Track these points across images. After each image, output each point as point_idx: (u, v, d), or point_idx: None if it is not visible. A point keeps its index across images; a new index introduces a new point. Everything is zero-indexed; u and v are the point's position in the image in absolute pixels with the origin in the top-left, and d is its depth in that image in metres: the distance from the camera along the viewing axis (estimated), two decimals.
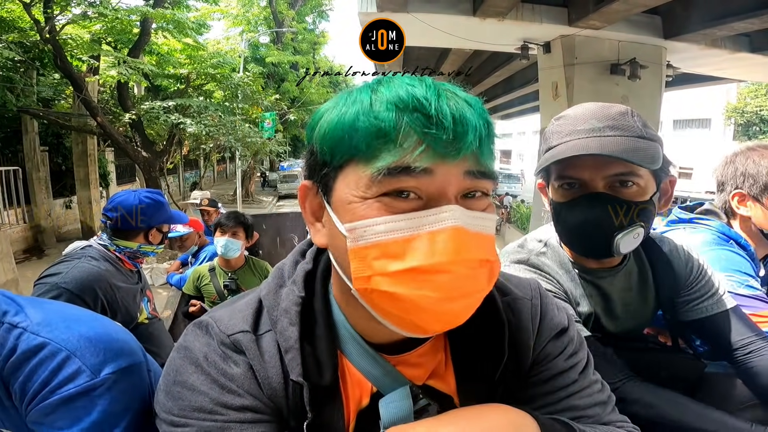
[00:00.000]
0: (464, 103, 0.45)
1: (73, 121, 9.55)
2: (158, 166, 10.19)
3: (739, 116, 23.60)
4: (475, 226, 0.45)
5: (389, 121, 0.43)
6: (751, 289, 1.01)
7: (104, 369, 0.60)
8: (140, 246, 1.62)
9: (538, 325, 0.62)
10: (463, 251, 0.43)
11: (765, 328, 0.96)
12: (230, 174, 25.02)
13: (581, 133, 0.83)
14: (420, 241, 0.43)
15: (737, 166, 1.12)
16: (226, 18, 20.47)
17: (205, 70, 10.78)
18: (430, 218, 0.43)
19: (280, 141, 15.81)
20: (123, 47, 9.65)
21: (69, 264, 1.46)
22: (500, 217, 15.97)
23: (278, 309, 0.55)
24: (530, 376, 0.61)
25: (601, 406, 0.60)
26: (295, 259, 0.61)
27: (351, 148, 0.45)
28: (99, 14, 7.80)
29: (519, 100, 15.00)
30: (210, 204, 3.78)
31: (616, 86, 7.22)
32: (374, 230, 0.44)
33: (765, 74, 9.38)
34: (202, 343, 0.54)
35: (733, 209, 1.14)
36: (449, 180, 0.44)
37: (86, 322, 0.65)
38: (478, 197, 0.47)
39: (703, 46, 7.03)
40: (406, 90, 0.44)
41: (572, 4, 6.66)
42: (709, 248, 1.08)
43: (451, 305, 0.44)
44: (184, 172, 18.29)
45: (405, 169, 0.43)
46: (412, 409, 0.55)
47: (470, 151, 0.44)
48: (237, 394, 0.51)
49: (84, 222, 10.28)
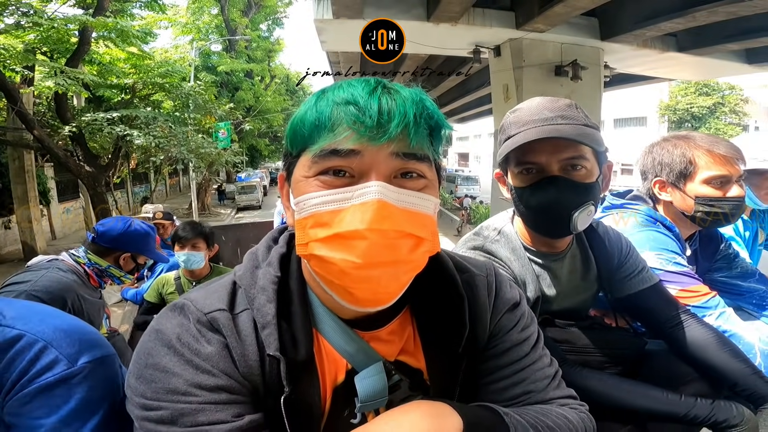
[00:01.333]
0: (399, 97, 0.51)
1: (8, 135, 8.92)
2: (103, 180, 9.67)
3: (671, 113, 25.58)
4: (402, 201, 0.51)
5: (326, 114, 0.51)
6: (678, 266, 1.09)
7: (81, 358, 0.61)
8: (109, 266, 1.64)
9: (493, 300, 0.67)
10: (382, 221, 0.48)
11: (693, 302, 1.04)
12: (184, 187, 24.04)
13: (536, 122, 0.91)
14: (346, 212, 0.50)
15: (654, 156, 1.22)
16: (175, 26, 19.78)
17: (152, 79, 10.38)
18: (357, 192, 0.50)
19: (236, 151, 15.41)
20: (60, 57, 9.11)
21: (37, 273, 1.46)
22: (461, 219, 16.35)
23: (255, 287, 0.58)
24: (487, 349, 0.65)
25: (549, 379, 0.66)
26: (268, 244, 0.65)
27: (301, 138, 0.54)
28: (33, 24, 7.34)
29: (474, 102, 15.46)
30: (165, 217, 3.59)
31: (561, 87, 7.61)
32: (311, 203, 0.51)
33: (692, 73, 10.20)
34: (174, 324, 0.54)
35: (656, 195, 1.23)
36: (376, 160, 0.50)
37: (59, 316, 0.67)
38: (414, 178, 0.53)
39: (635, 46, 7.55)
40: (346, 90, 0.52)
41: (519, 7, 6.96)
42: (638, 230, 1.16)
43: (370, 272, 0.49)
44: (133, 186, 17.36)
45: (334, 150, 0.50)
46: (386, 384, 0.58)
47: (394, 135, 0.50)
48: (211, 374, 0.51)
49: (25, 242, 9.59)
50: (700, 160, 1.13)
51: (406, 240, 0.50)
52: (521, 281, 0.98)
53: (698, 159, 1.13)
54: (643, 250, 1.10)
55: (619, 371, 1.00)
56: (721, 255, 1.31)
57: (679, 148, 1.16)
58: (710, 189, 1.12)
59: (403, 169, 0.52)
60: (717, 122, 24.67)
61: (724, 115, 25.00)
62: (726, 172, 1.11)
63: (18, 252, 9.57)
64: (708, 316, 1.03)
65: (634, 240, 1.11)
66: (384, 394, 0.58)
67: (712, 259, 1.31)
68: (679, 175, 1.16)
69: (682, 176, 1.15)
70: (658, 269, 1.08)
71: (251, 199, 19.67)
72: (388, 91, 0.52)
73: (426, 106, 0.53)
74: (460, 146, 46.95)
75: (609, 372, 0.98)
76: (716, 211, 1.12)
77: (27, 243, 9.54)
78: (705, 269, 1.30)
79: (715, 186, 1.12)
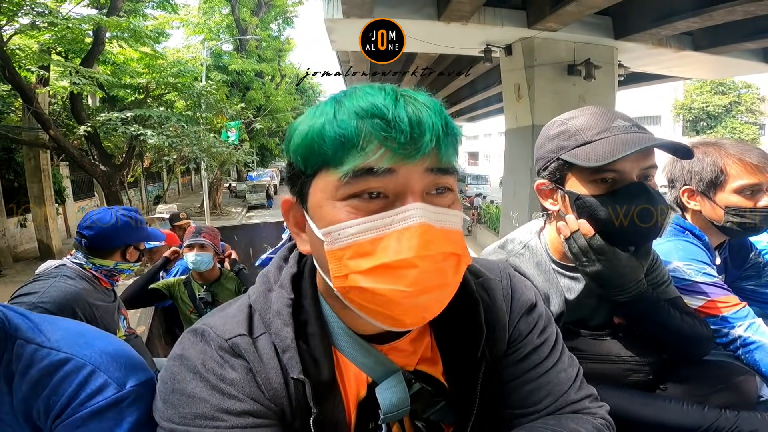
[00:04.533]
0: (422, 106, 0.48)
1: (24, 135, 9.07)
2: (118, 179, 9.78)
3: (686, 112, 25.14)
4: (440, 221, 0.49)
5: (351, 129, 0.47)
6: (708, 277, 1.06)
7: (128, 382, 0.61)
8: (117, 264, 1.59)
9: (510, 303, 0.66)
10: (429, 246, 0.46)
11: (724, 313, 1.02)
12: (196, 186, 24.26)
13: (617, 130, 0.87)
14: (389, 239, 0.47)
15: (683, 164, 1.18)
16: (187, 26, 19.96)
17: (165, 79, 10.47)
18: (397, 217, 0.47)
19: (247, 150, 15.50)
20: (75, 57, 9.25)
21: (45, 283, 1.41)
22: (471, 218, 16.25)
23: (270, 312, 0.57)
24: (507, 355, 0.65)
25: (571, 381, 0.65)
26: (279, 264, 0.64)
27: (320, 155, 0.49)
28: (48, 24, 7.45)
29: (484, 102, 15.36)
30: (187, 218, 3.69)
31: (573, 86, 7.53)
32: (347, 232, 0.48)
33: (707, 71, 10.02)
34: (197, 350, 0.54)
35: (685, 204, 1.20)
36: (411, 178, 0.48)
37: (102, 338, 0.67)
38: (443, 194, 0.51)
39: (650, 45, 7.44)
40: (366, 99, 0.48)
41: (531, 6, 6.90)
42: (667, 239, 1.13)
43: (420, 298, 0.47)
44: (146, 185, 17.57)
45: (368, 170, 0.46)
46: (407, 393, 0.58)
47: (428, 150, 0.47)
48: (237, 399, 0.51)
49: (41, 241, 9.75)
50: (731, 169, 1.09)
51: (450, 260, 0.49)
52: (544, 296, 0.96)
53: (729, 168, 1.09)
54: (672, 259, 1.08)
55: (642, 379, 0.97)
56: (750, 264, 1.28)
57: (710, 156, 1.12)
58: (741, 199, 1.08)
59: (435, 185, 0.50)
60: (733, 121, 24.19)
61: (740, 114, 24.49)
62: (757, 180, 1.07)
63: (34, 250, 9.74)
64: (737, 327, 1.00)
65: (662, 249, 1.08)
66: (406, 404, 0.58)
67: (741, 268, 1.28)
68: (710, 184, 1.12)
69: (713, 185, 1.12)
70: (686, 280, 1.05)
71: (262, 198, 19.87)
72: (406, 99, 0.49)
73: (447, 115, 0.51)
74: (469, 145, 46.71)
75: (632, 380, 0.96)
76: (746, 222, 1.08)
77: (43, 241, 9.70)
78: (734, 278, 1.27)
79: (745, 196, 1.08)
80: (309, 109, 0.53)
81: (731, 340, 1.00)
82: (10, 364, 0.59)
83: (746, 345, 0.99)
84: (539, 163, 0.99)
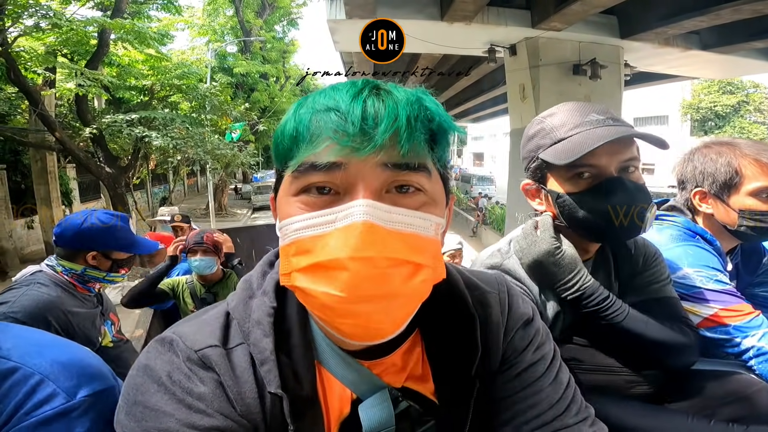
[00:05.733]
0: (390, 99, 0.45)
1: (31, 137, 9.13)
2: (123, 181, 9.84)
3: (694, 112, 24.91)
4: (393, 222, 0.44)
5: (304, 123, 0.46)
6: (720, 284, 1.01)
7: (79, 392, 0.59)
8: (85, 269, 1.51)
9: (507, 317, 0.62)
10: (368, 248, 0.42)
11: (735, 322, 0.97)
12: (201, 187, 24.45)
13: (590, 124, 0.85)
14: (329, 237, 0.43)
15: (695, 165, 1.13)
16: (191, 28, 20.09)
17: (169, 81, 10.52)
18: (341, 214, 0.44)
19: (251, 152, 15.54)
20: (80, 59, 9.30)
21: (17, 292, 1.37)
22: (476, 220, 16.18)
23: (250, 321, 0.53)
24: (500, 372, 0.60)
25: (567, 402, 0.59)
26: (263, 270, 0.59)
27: (282, 151, 0.48)
28: (53, 26, 7.49)
29: (489, 102, 15.31)
30: (183, 220, 3.71)
31: (579, 86, 7.48)
32: (293, 228, 0.46)
33: (715, 71, 9.91)
34: (164, 360, 0.50)
35: (696, 206, 1.14)
36: (362, 173, 0.44)
37: (57, 347, 0.65)
38: (410, 193, 0.46)
39: (657, 44, 7.37)
40: (329, 95, 0.46)
41: (535, 6, 6.86)
42: (676, 244, 1.08)
43: (358, 306, 0.43)
44: (152, 187, 17.69)
45: (312, 165, 0.44)
46: (392, 412, 0.54)
47: (382, 143, 0.43)
48: (205, 414, 0.47)
49: (48, 242, 9.81)
50: (746, 170, 1.04)
51: (400, 269, 0.43)
52: (541, 299, 0.93)
53: (745, 169, 1.04)
54: (682, 266, 1.03)
55: (646, 391, 0.93)
56: (763, 269, 1.23)
57: (724, 157, 1.07)
58: (756, 201, 1.03)
59: (397, 182, 0.46)
60: (742, 121, 23.94)
61: (748, 114, 24.24)
62: None
63: (41, 251, 9.80)
64: (751, 337, 0.96)
65: (672, 255, 1.04)
66: (390, 423, 0.54)
67: (754, 274, 1.23)
68: (723, 186, 1.07)
69: (726, 187, 1.06)
70: (697, 287, 1.00)
71: (267, 200, 19.85)
72: (378, 93, 0.45)
73: (425, 106, 0.46)
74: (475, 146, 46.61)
75: (636, 392, 0.92)
76: (762, 226, 1.03)
77: (49, 243, 9.75)
78: (746, 284, 1.22)
79: (761, 198, 1.03)
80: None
81: (744, 350, 0.95)
82: None
83: (760, 355, 0.94)
84: (524, 163, 0.98)
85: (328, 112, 0.45)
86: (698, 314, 0.99)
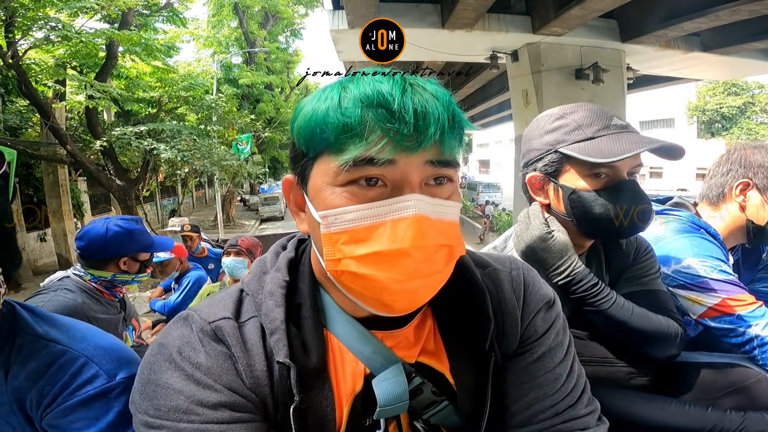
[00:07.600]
0: (430, 97, 0.47)
1: (42, 150, 9.28)
2: (134, 194, 9.96)
3: (700, 114, 24.76)
4: (436, 213, 0.49)
5: (355, 117, 0.46)
6: (724, 274, 1.02)
7: (119, 374, 0.65)
8: (114, 275, 1.55)
9: (523, 296, 0.62)
10: (424, 237, 0.47)
11: (738, 311, 0.98)
12: (210, 199, 24.61)
13: (616, 128, 0.90)
14: (384, 228, 0.47)
15: (748, 156, 1.13)
16: (197, 40, 20.41)
17: (176, 92, 10.68)
18: (394, 206, 0.47)
19: (257, 162, 15.66)
20: (89, 71, 9.47)
21: (44, 297, 1.40)
22: (483, 227, 16.12)
23: (263, 292, 0.56)
24: (518, 354, 0.60)
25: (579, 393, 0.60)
26: (276, 250, 0.63)
27: (322, 141, 0.48)
28: (62, 38, 7.62)
29: (495, 108, 15.33)
30: (192, 230, 3.80)
31: (582, 90, 7.47)
32: (344, 218, 0.48)
33: (718, 72, 9.86)
34: (176, 336, 0.52)
35: (726, 194, 1.15)
36: (411, 169, 0.48)
37: (98, 334, 0.72)
38: (443, 185, 0.51)
39: (658, 47, 7.37)
40: (372, 87, 0.47)
41: (535, 12, 6.91)
42: (681, 235, 1.09)
43: (410, 284, 0.48)
44: (161, 199, 17.85)
45: (369, 160, 0.46)
46: (407, 386, 0.55)
47: (431, 143, 0.47)
48: (213, 389, 0.49)
49: (60, 255, 9.94)
50: None
51: (442, 251, 0.49)
52: None
53: None
54: (686, 256, 1.04)
55: (646, 382, 0.95)
56: (763, 265, 1.24)
57: None
58: None
59: (435, 175, 0.50)
60: (748, 122, 23.76)
61: (755, 115, 24.06)
62: None
63: (54, 264, 9.90)
64: (754, 326, 0.97)
65: (676, 246, 1.06)
66: (404, 398, 0.55)
67: (754, 270, 1.25)
68: None
69: None
70: (701, 277, 1.02)
71: (274, 211, 19.96)
72: (414, 88, 0.47)
73: (455, 107, 0.50)
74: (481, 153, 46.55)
75: (635, 383, 0.94)
76: None
77: (62, 255, 9.88)
78: (747, 280, 1.24)
79: None
80: (316, 91, 0.52)
81: (747, 340, 0.97)
82: (10, 355, 0.62)
83: (764, 345, 0.96)
84: (531, 155, 0.99)
85: (378, 108, 0.46)
86: (703, 303, 1.00)
